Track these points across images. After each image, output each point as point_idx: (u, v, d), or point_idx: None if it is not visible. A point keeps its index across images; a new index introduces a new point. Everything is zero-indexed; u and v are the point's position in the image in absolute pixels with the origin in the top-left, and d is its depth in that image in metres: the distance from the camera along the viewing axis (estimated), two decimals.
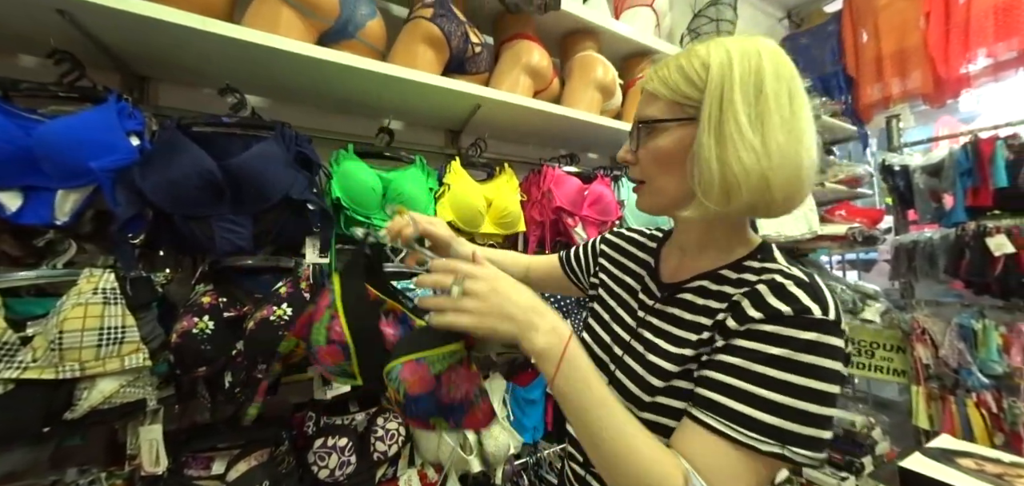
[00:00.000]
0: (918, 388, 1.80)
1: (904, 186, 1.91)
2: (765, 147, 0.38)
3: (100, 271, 0.67)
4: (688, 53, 0.43)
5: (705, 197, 0.40)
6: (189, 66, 0.88)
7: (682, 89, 0.42)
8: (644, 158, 0.45)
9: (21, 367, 0.58)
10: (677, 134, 0.42)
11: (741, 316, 0.39)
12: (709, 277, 0.45)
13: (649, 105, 0.45)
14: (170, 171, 0.71)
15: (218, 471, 0.80)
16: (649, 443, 0.36)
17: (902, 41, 1.90)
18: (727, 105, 0.39)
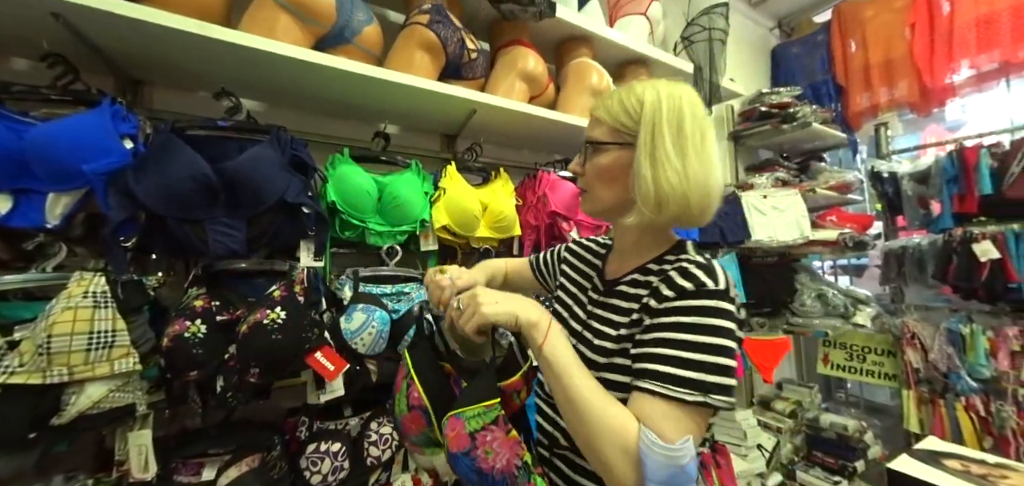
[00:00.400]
0: (909, 392, 1.82)
1: (893, 192, 1.95)
2: (685, 171, 0.50)
3: (91, 274, 0.66)
4: (628, 90, 0.54)
5: (644, 207, 0.50)
6: (185, 70, 0.88)
7: (621, 118, 0.53)
8: (589, 172, 0.57)
9: (7, 372, 0.57)
10: (615, 154, 0.54)
11: (660, 297, 0.49)
12: (638, 271, 0.56)
13: (595, 128, 0.56)
14: (164, 174, 0.71)
15: (208, 477, 0.79)
16: (611, 401, 0.46)
17: (889, 51, 1.94)
18: (657, 135, 0.50)
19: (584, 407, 0.45)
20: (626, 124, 0.52)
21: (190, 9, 0.75)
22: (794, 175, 2.03)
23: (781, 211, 1.78)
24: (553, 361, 0.47)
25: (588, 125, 0.58)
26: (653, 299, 0.49)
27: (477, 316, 0.50)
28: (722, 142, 2.09)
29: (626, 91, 0.54)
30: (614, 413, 0.44)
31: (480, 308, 0.50)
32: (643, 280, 0.53)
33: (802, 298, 1.85)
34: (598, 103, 0.57)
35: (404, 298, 1.02)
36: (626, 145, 0.52)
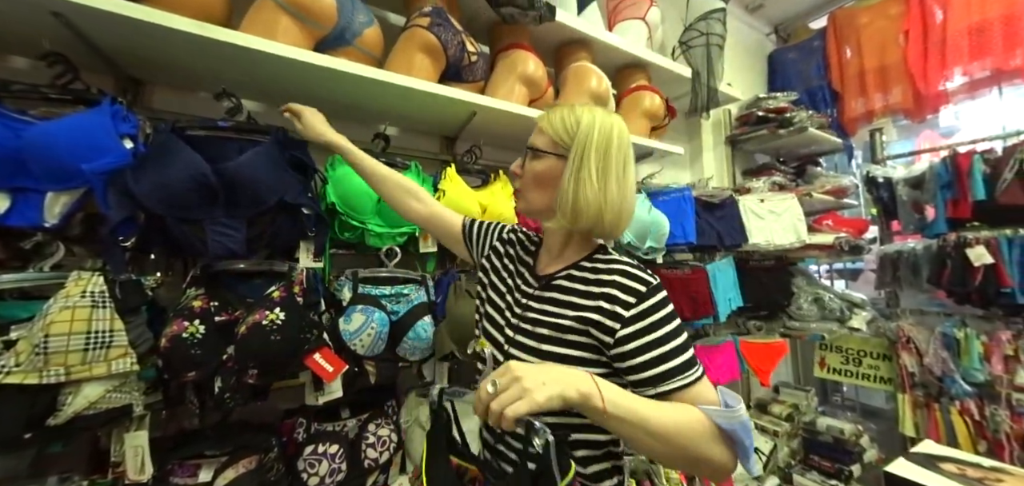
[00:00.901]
0: (904, 396, 1.83)
1: (888, 197, 1.97)
2: (604, 192, 0.57)
3: (89, 274, 0.66)
4: (570, 109, 0.60)
5: (561, 215, 0.58)
6: (185, 70, 0.88)
7: (560, 132, 0.59)
8: (526, 174, 0.63)
9: (3, 372, 0.57)
10: (549, 163, 0.60)
11: (624, 307, 0.54)
12: (571, 268, 0.62)
13: (537, 136, 0.62)
14: (163, 173, 0.71)
15: (205, 479, 0.78)
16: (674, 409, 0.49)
17: (883, 57, 1.97)
18: (586, 156, 0.57)
19: (670, 432, 0.47)
20: (563, 139, 0.59)
21: (191, 10, 0.75)
22: (791, 179, 2.05)
23: (778, 215, 1.80)
24: (623, 414, 0.46)
25: (533, 134, 0.64)
26: (618, 306, 0.54)
27: (525, 401, 0.43)
28: (719, 146, 2.11)
29: (569, 109, 0.60)
30: (687, 418, 0.48)
31: (530, 392, 0.44)
32: (579, 276, 0.60)
33: (799, 302, 1.87)
34: (544, 114, 0.63)
35: (403, 299, 1.02)
36: (560, 157, 0.59)
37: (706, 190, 1.70)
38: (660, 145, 1.55)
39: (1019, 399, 1.58)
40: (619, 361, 0.54)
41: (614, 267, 0.58)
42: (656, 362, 0.52)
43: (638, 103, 1.51)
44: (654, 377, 0.51)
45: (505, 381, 0.45)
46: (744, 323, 1.95)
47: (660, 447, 0.47)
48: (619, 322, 0.54)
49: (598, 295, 0.56)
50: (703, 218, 1.61)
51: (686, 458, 0.48)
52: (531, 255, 0.70)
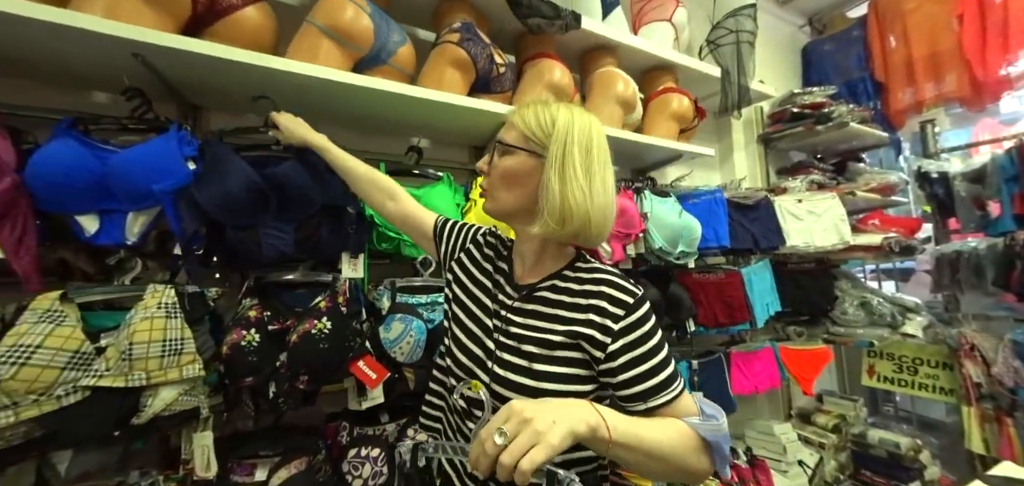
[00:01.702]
0: (969, 409, 1.68)
1: (944, 193, 1.83)
2: (590, 192, 0.53)
3: (162, 287, 0.72)
4: (544, 105, 0.58)
5: (549, 219, 0.53)
6: (237, 96, 0.96)
7: (533, 129, 0.56)
8: (494, 172, 0.59)
9: (96, 375, 0.63)
10: (521, 160, 0.56)
11: (612, 320, 0.53)
12: (554, 278, 0.59)
13: (507, 132, 0.59)
14: (222, 184, 0.77)
15: (260, 478, 0.84)
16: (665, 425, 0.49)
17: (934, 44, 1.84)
18: (568, 153, 0.53)
19: (666, 452, 0.48)
20: (537, 135, 0.56)
21: (245, 41, 0.82)
22: (830, 177, 1.95)
23: (818, 215, 1.71)
24: (626, 441, 0.45)
25: (502, 128, 0.60)
26: (607, 319, 0.53)
27: (542, 448, 0.38)
28: (751, 145, 2.03)
29: (542, 106, 0.58)
30: (676, 433, 0.49)
31: (544, 435, 0.39)
32: (563, 287, 0.58)
33: (843, 306, 1.76)
34: (515, 110, 0.60)
35: (437, 307, 1.05)
36: (534, 154, 0.56)
37: (739, 191, 1.64)
38: (689, 148, 1.52)
39: None
40: (608, 376, 0.53)
41: (599, 277, 0.56)
42: (645, 377, 0.51)
43: (666, 106, 1.48)
44: (644, 392, 0.51)
45: (513, 426, 0.40)
46: (783, 329, 1.86)
47: (656, 466, 0.47)
48: (609, 336, 0.52)
49: (587, 308, 0.54)
50: (736, 220, 1.55)
51: (676, 471, 0.49)
52: (505, 261, 0.66)
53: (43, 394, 0.60)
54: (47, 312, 0.63)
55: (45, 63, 0.78)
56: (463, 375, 0.60)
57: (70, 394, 0.62)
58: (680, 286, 1.44)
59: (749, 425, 1.76)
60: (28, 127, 0.76)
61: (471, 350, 0.61)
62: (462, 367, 0.61)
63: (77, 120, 0.75)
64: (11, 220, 0.64)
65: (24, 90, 0.82)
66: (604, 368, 0.53)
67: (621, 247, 1.28)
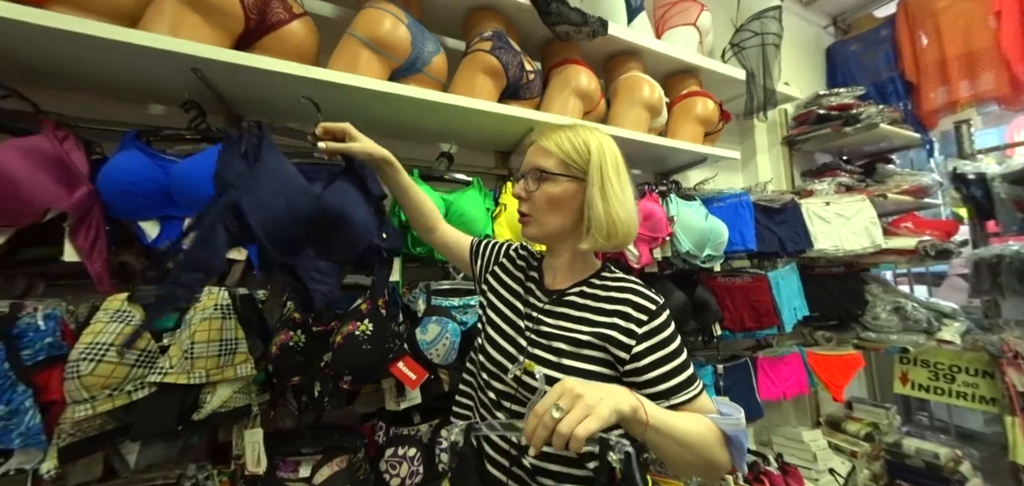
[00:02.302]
0: (1014, 419, 1.61)
1: (982, 195, 1.76)
2: (627, 208, 0.60)
3: (217, 289, 0.76)
4: (572, 131, 0.63)
5: (598, 234, 0.59)
6: (280, 106, 1.00)
7: (571, 155, 0.61)
8: (537, 198, 0.63)
9: (162, 373, 0.67)
10: (565, 186, 0.61)
11: (636, 324, 0.58)
12: (582, 285, 0.64)
13: (544, 159, 0.63)
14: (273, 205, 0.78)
15: (304, 474, 0.86)
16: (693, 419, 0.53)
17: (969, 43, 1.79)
18: (605, 174, 0.60)
19: (696, 442, 0.51)
20: (576, 161, 0.61)
21: (291, 54, 0.86)
22: (858, 179, 1.90)
23: (847, 219, 1.67)
24: (660, 425, 0.49)
25: (532, 152, 0.65)
26: (632, 323, 0.58)
27: (593, 418, 0.42)
28: (775, 148, 2.00)
29: (571, 131, 0.63)
30: (702, 426, 0.53)
31: (595, 409, 0.43)
32: (590, 293, 0.63)
33: (875, 311, 1.71)
34: (544, 136, 0.64)
35: (470, 310, 1.07)
36: (575, 178, 0.61)
37: (765, 194, 1.62)
38: (715, 151, 1.51)
39: None
40: (634, 375, 0.56)
41: (624, 285, 0.62)
42: (668, 376, 0.56)
43: (690, 109, 1.48)
44: (667, 390, 0.55)
45: (568, 401, 0.44)
46: (811, 334, 1.82)
47: (686, 455, 0.50)
48: (634, 339, 0.57)
49: (612, 312, 0.59)
50: (762, 223, 1.53)
51: (702, 463, 0.51)
52: (536, 270, 0.71)
53: (116, 389, 0.64)
54: (117, 312, 0.67)
55: (109, 78, 0.83)
56: (496, 369, 0.64)
57: (139, 390, 0.66)
58: (706, 289, 1.43)
59: (776, 431, 1.72)
60: (93, 138, 0.81)
61: (503, 347, 0.65)
62: (494, 362, 0.65)
63: (140, 132, 0.79)
64: (86, 226, 0.68)
65: (86, 103, 0.87)
66: (629, 368, 0.57)
67: (648, 250, 1.28)
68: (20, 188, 0.59)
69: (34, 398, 0.60)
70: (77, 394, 0.61)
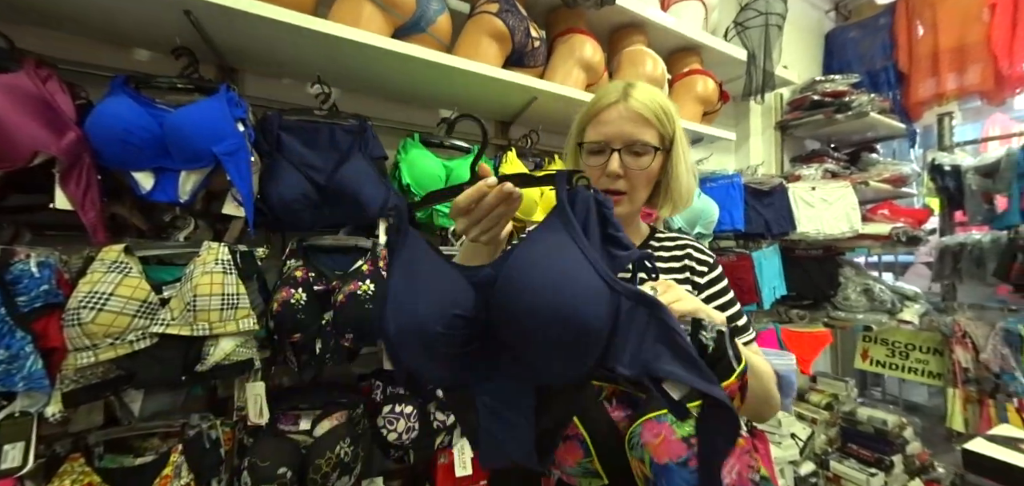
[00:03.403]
0: (955, 391, 1.78)
1: (955, 186, 1.86)
2: (691, 171, 0.61)
3: (217, 244, 0.75)
4: (659, 94, 0.59)
5: (679, 202, 0.61)
6: (275, 58, 0.95)
7: (665, 123, 0.58)
8: (639, 177, 0.58)
9: (164, 324, 0.67)
10: (659, 159, 0.59)
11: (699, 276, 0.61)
12: (645, 248, 0.64)
13: (642, 129, 0.57)
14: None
15: (305, 427, 0.89)
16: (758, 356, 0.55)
17: (962, 36, 1.82)
18: (683, 143, 0.59)
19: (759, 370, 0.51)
20: (667, 129, 0.58)
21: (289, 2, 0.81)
22: (844, 167, 1.97)
23: (830, 204, 1.74)
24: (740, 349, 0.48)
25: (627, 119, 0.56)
26: (695, 275, 0.62)
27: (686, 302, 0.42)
28: (768, 131, 2.04)
29: (659, 95, 0.59)
30: (766, 364, 0.54)
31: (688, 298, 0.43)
32: (655, 254, 0.63)
33: (846, 292, 1.82)
34: (638, 99, 0.56)
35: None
36: (665, 150, 0.59)
37: (755, 177, 1.67)
38: (712, 131, 1.53)
39: None
40: None
41: (680, 243, 0.64)
42: (730, 319, 0.58)
43: (691, 87, 1.48)
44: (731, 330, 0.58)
45: (663, 287, 0.43)
46: (786, 312, 1.92)
47: (755, 385, 0.48)
48: (698, 290, 0.61)
49: (679, 268, 0.62)
50: (751, 205, 1.58)
51: (763, 396, 0.52)
52: None
53: (118, 338, 0.64)
54: (115, 262, 0.66)
55: (94, 17, 0.77)
56: None
57: (141, 340, 0.66)
58: None
59: None
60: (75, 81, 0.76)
61: None
62: None
63: (128, 78, 0.75)
64: (77, 173, 0.66)
65: (68, 44, 0.81)
66: None
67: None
68: (5, 127, 0.56)
69: (34, 344, 0.60)
70: (79, 341, 0.61)
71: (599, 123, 0.58)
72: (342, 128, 0.94)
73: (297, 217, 0.88)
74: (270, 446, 0.80)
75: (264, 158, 0.87)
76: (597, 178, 0.58)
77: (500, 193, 0.42)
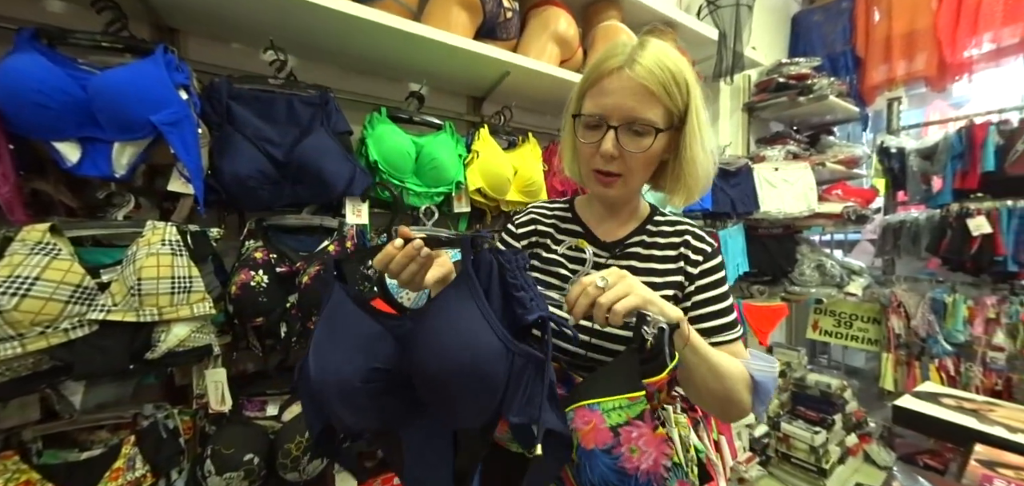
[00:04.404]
0: (888, 355, 1.98)
1: (899, 168, 2.01)
2: (708, 154, 0.53)
3: (163, 224, 0.69)
4: (665, 54, 0.49)
5: (694, 191, 0.54)
6: (221, 19, 0.87)
7: (676, 99, 0.49)
8: (636, 159, 0.51)
9: (104, 310, 0.62)
10: (665, 139, 0.51)
11: (694, 265, 0.56)
12: (640, 234, 0.59)
13: (647, 106, 0.49)
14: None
15: (273, 413, 0.87)
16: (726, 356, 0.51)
17: (913, 22, 1.92)
18: (701, 119, 0.51)
19: (722, 370, 0.49)
20: (678, 106, 0.49)
21: None
22: (804, 149, 2.07)
23: (791, 184, 1.83)
24: (699, 348, 0.48)
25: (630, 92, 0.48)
26: (689, 265, 0.56)
27: (635, 296, 0.43)
28: (736, 113, 2.10)
29: (670, 59, 0.49)
30: (734, 365, 0.51)
31: (637, 291, 0.44)
32: (649, 241, 0.58)
33: (802, 268, 1.95)
34: (645, 70, 0.48)
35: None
36: (675, 129, 0.51)
37: (723, 158, 1.72)
38: None
39: (993, 357, 1.73)
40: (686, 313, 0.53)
41: (680, 228, 0.58)
42: (714, 316, 0.55)
43: None
44: (710, 328, 0.55)
45: (613, 278, 0.44)
46: (748, 287, 2.04)
47: (712, 384, 0.49)
48: (690, 280, 0.56)
49: (676, 257, 0.56)
50: (718, 185, 1.64)
51: (724, 397, 0.50)
52: (573, 223, 0.62)
53: (49, 327, 0.58)
54: (39, 244, 0.60)
55: None
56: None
57: (78, 328, 0.60)
58: None
59: None
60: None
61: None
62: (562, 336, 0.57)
63: (38, 31, 0.66)
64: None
65: None
66: (683, 306, 0.55)
67: None
68: None
69: None
70: (1, 331, 0.55)
71: (599, 93, 0.51)
72: (301, 99, 0.88)
73: (254, 195, 0.82)
74: (235, 433, 0.77)
75: (214, 130, 0.80)
76: (591, 156, 0.52)
77: (407, 255, 0.45)
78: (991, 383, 1.73)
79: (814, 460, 1.73)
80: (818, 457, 1.73)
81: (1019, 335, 1.68)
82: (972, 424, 0.54)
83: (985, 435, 0.52)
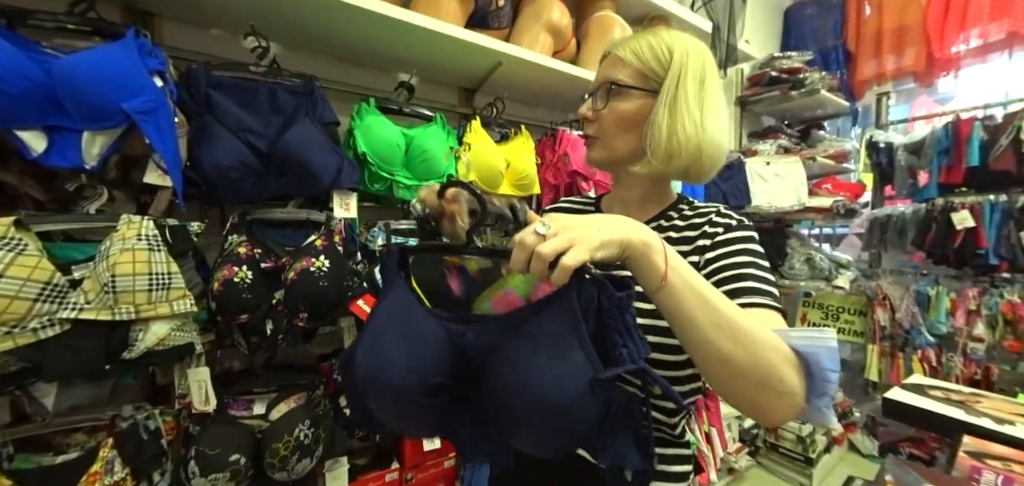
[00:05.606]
0: (873, 346, 2.02)
1: (887, 163, 2.04)
2: (702, 123, 0.50)
3: (139, 218, 0.66)
4: (656, 35, 0.52)
5: (653, 157, 0.50)
6: (199, 3, 0.83)
7: (650, 64, 0.51)
8: (607, 117, 0.53)
9: (76, 308, 0.59)
10: (639, 102, 0.52)
11: (711, 237, 0.50)
12: (660, 218, 0.56)
13: (618, 70, 0.53)
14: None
15: (259, 411, 0.85)
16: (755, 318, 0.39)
17: (903, 17, 1.94)
18: (681, 86, 0.50)
19: (742, 326, 0.37)
20: (655, 70, 0.51)
21: None
22: (795, 143, 2.08)
23: (782, 178, 1.85)
24: (686, 282, 0.37)
25: (606, 64, 0.54)
26: (706, 238, 0.50)
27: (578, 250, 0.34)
28: (729, 107, 2.10)
29: (654, 36, 0.52)
30: (764, 328, 0.38)
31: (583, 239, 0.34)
32: (668, 226, 0.54)
33: (792, 261, 1.98)
34: (621, 43, 0.53)
35: None
36: (650, 93, 0.51)
37: None
38: None
39: (973, 347, 1.78)
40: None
41: (706, 211, 0.53)
42: (734, 266, 0.46)
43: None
44: (727, 278, 0.45)
45: (556, 229, 0.35)
46: None
47: (726, 344, 0.36)
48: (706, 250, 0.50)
49: (695, 238, 0.51)
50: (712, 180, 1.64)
51: (755, 367, 0.37)
52: (595, 211, 0.62)
53: (16, 326, 0.55)
54: (3, 239, 0.56)
55: None
56: None
57: (48, 327, 0.57)
58: None
59: None
60: None
61: None
62: None
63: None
64: None
65: None
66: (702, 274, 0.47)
67: None
68: None
69: None
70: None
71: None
72: (285, 88, 0.85)
73: (236, 187, 0.79)
74: (220, 433, 0.75)
75: (192, 120, 0.76)
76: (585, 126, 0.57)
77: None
78: (971, 373, 1.79)
79: (801, 449, 1.77)
80: (805, 446, 1.77)
81: (998, 326, 1.73)
82: (960, 416, 0.55)
83: (973, 427, 0.53)
